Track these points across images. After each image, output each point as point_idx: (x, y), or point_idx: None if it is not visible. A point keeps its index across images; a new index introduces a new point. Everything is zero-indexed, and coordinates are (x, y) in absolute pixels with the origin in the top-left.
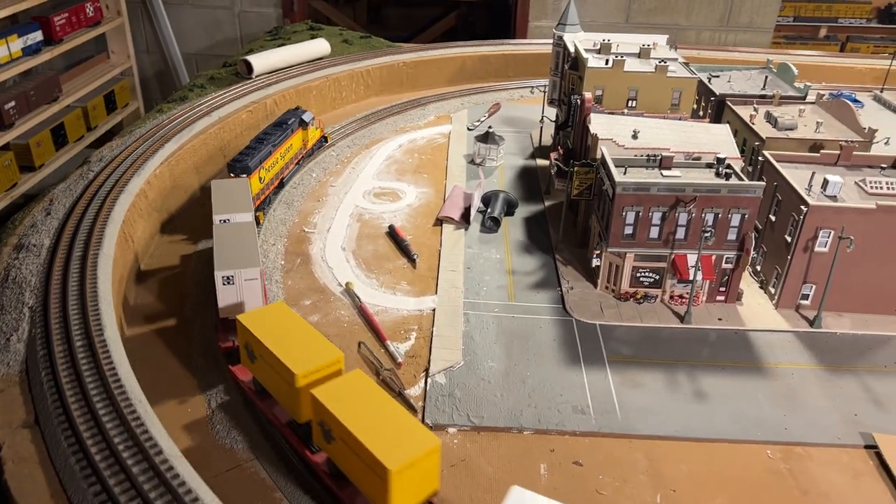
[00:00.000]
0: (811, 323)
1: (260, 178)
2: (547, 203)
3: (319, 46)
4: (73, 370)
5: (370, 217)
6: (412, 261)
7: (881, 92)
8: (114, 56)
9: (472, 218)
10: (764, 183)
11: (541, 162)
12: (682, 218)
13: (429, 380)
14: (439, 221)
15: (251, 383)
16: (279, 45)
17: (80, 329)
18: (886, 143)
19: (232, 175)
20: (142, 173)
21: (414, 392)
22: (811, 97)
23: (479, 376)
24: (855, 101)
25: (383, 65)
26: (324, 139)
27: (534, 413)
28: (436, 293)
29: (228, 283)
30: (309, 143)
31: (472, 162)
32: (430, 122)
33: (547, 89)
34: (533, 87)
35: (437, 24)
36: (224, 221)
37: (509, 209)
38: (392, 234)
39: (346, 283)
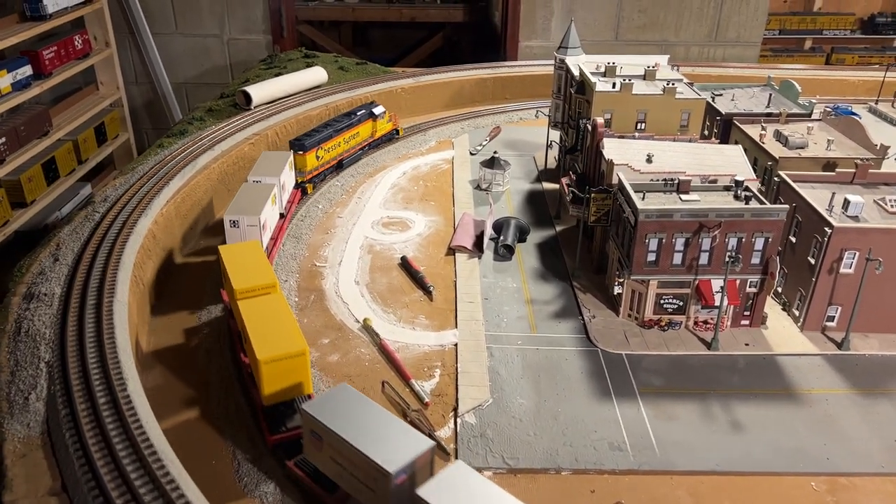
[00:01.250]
0: (839, 345)
1: (317, 157)
2: (558, 228)
3: (317, 75)
4: (98, 430)
5: (381, 248)
6: (428, 293)
7: (876, 104)
8: (103, 87)
9: (485, 246)
10: (787, 206)
11: (547, 186)
12: (706, 243)
13: (458, 420)
14: (452, 250)
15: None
16: (275, 74)
17: (102, 385)
18: None
19: (294, 151)
20: (149, 213)
21: (444, 433)
22: (816, 113)
23: (509, 414)
24: (852, 114)
25: (382, 91)
26: (395, 132)
27: (570, 452)
28: (456, 327)
29: (234, 226)
30: (378, 133)
31: (477, 187)
32: (432, 147)
33: (550, 112)
34: (538, 109)
35: (424, 45)
36: (257, 182)
37: (521, 236)
38: (405, 265)
39: (364, 320)
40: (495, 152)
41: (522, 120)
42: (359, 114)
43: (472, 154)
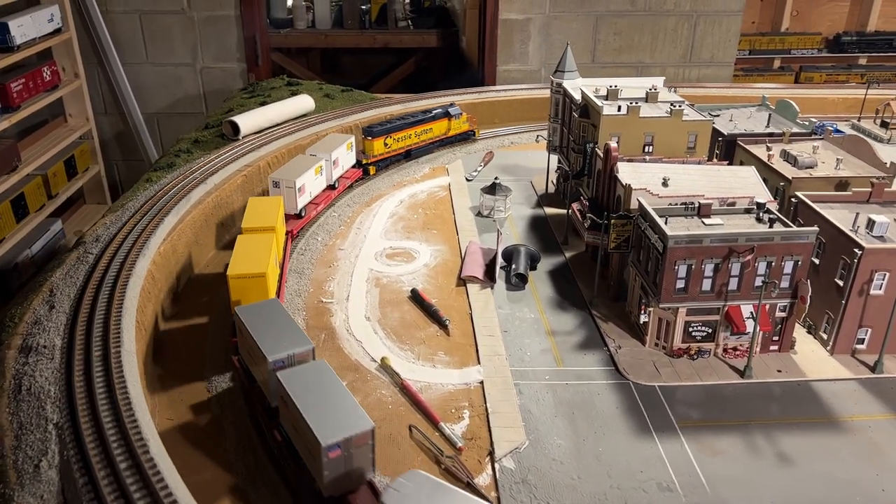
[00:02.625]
0: (872, 369)
1: (385, 144)
2: (567, 254)
3: (304, 103)
4: (124, 501)
5: (388, 281)
6: (444, 327)
7: (858, 121)
8: (72, 119)
9: (497, 275)
10: (816, 228)
11: (549, 210)
12: (735, 268)
13: (496, 465)
14: (462, 281)
15: None
16: (260, 103)
17: (121, 447)
18: None
19: (364, 137)
20: (147, 253)
21: (482, 481)
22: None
23: (549, 457)
24: (837, 131)
25: (371, 118)
26: (471, 133)
27: (619, 496)
28: (479, 363)
29: (276, 186)
30: (452, 132)
31: (479, 214)
32: (427, 174)
33: (548, 136)
34: (539, 134)
35: (396, 70)
36: (312, 155)
37: (532, 263)
38: (417, 298)
39: (382, 359)
40: (496, 178)
41: (513, 144)
42: (434, 112)
43: (468, 180)
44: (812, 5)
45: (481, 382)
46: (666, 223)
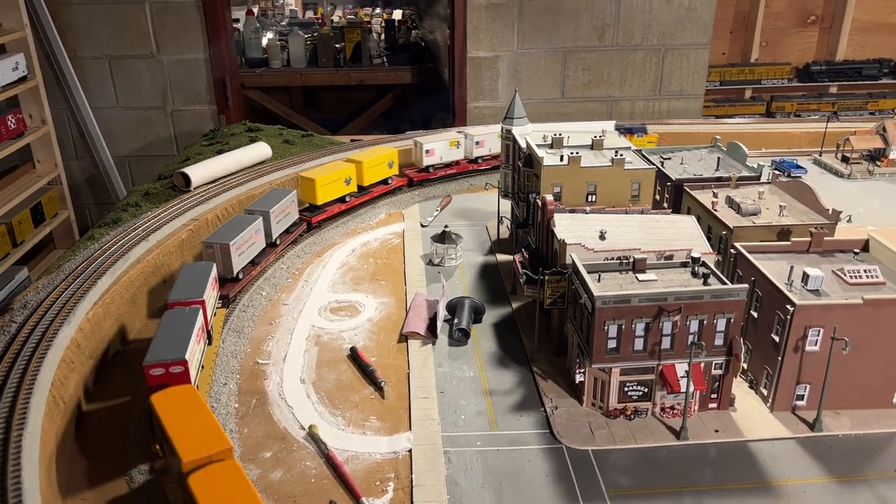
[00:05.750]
0: (811, 426)
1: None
2: (514, 304)
3: (260, 150)
4: None
5: (329, 338)
6: (380, 389)
7: (820, 155)
8: (40, 165)
9: (438, 330)
10: (746, 286)
11: (501, 258)
12: (667, 327)
13: None
14: (404, 337)
15: None
16: (217, 151)
17: None
18: (849, 221)
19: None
20: (72, 320)
21: None
22: (765, 174)
23: None
24: (797, 167)
25: (325, 164)
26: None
27: None
28: (410, 429)
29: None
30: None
31: (430, 263)
32: (382, 220)
33: (500, 182)
34: (488, 183)
35: (375, 105)
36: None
37: (477, 316)
38: (355, 357)
39: (310, 427)
40: (446, 226)
41: (473, 186)
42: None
43: (423, 226)
44: (781, 36)
45: (410, 451)
46: (599, 280)
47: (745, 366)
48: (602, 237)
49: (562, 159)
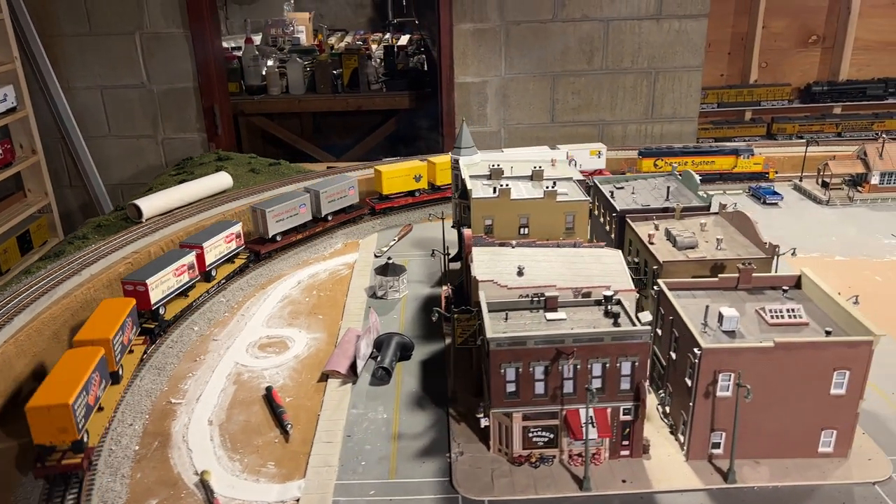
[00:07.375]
0: (725, 477)
1: (655, 164)
2: (448, 340)
3: (220, 180)
4: None
5: (249, 377)
6: (285, 433)
7: (800, 181)
8: (31, 194)
9: (360, 368)
10: (649, 328)
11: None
12: (567, 371)
13: None
14: (325, 376)
15: None
16: (181, 181)
17: None
18: (793, 254)
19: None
20: None
21: None
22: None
23: None
24: (774, 193)
25: (282, 193)
26: (763, 175)
27: None
28: (304, 476)
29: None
30: (738, 169)
31: (373, 295)
32: (337, 251)
33: (453, 212)
34: (431, 213)
35: (379, 129)
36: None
37: (405, 353)
38: (268, 398)
39: (202, 473)
40: (389, 258)
41: (432, 215)
42: (723, 146)
43: (376, 256)
44: (781, 56)
45: (297, 500)
46: (506, 319)
47: (668, 408)
48: (520, 273)
49: (494, 191)
